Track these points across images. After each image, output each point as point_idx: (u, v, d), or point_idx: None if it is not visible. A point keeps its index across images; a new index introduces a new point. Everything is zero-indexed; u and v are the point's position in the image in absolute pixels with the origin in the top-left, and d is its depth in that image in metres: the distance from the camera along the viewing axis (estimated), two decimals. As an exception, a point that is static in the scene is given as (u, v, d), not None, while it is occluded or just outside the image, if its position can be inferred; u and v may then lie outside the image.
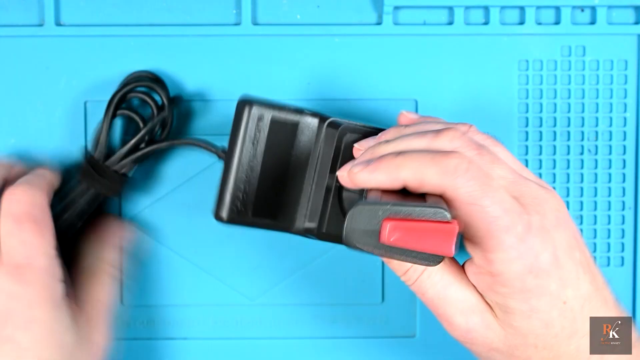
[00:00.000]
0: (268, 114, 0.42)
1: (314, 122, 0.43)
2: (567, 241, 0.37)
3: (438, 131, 0.38)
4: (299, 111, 0.43)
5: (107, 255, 0.46)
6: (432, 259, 0.35)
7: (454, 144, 0.37)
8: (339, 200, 0.43)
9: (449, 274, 0.39)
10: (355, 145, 0.42)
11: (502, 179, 0.37)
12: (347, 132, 0.43)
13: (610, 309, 0.39)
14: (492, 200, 0.36)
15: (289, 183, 0.43)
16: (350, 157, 0.42)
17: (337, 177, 0.40)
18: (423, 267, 0.38)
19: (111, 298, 0.45)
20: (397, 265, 0.40)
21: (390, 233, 0.34)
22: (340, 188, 0.43)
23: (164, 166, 0.48)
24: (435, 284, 0.39)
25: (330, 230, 0.43)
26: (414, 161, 0.37)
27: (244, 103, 0.42)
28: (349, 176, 0.38)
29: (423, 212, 0.34)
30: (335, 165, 0.43)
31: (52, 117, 0.48)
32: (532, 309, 0.37)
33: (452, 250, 0.34)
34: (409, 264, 0.39)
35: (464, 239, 0.38)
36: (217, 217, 0.42)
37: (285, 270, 0.49)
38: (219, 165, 0.48)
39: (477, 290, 0.38)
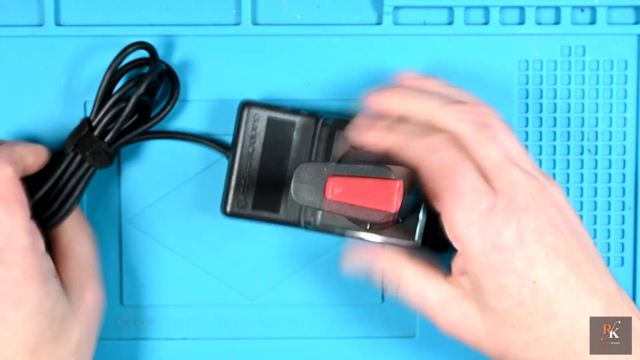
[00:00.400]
0: (265, 115, 0.45)
1: (309, 121, 0.45)
2: (537, 225, 0.38)
3: (455, 100, 0.40)
4: (295, 111, 0.46)
5: (80, 212, 0.45)
6: (375, 216, 0.37)
7: (461, 115, 0.39)
8: None
9: (422, 279, 0.41)
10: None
11: (487, 159, 0.38)
12: (339, 128, 0.44)
13: (596, 293, 0.38)
14: (462, 179, 0.38)
15: (289, 178, 0.45)
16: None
17: None
18: (396, 276, 0.41)
19: (93, 253, 0.45)
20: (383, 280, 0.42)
21: (333, 188, 0.37)
22: None
23: (163, 166, 0.48)
24: (416, 290, 0.41)
25: (325, 222, 0.43)
26: (402, 132, 0.39)
27: (243, 105, 0.45)
28: (350, 128, 0.42)
29: (366, 169, 0.37)
30: (329, 160, 0.44)
31: (52, 117, 0.48)
32: (502, 287, 0.38)
33: (392, 205, 0.37)
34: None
35: (438, 216, 0.39)
36: (222, 211, 0.46)
37: (285, 271, 0.49)
38: (219, 165, 0.48)
39: (453, 285, 0.40)
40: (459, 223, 0.38)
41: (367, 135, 0.41)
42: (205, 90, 0.48)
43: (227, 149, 0.47)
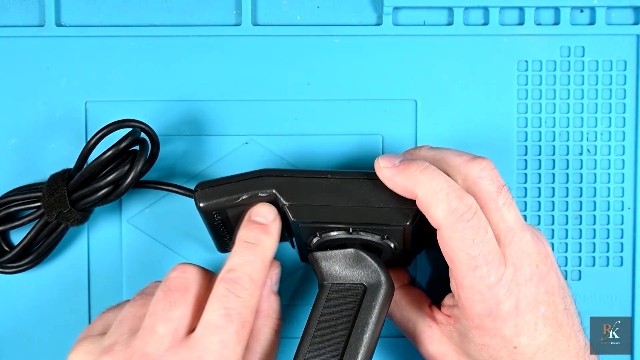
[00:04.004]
0: (218, 205, 0.42)
1: (265, 195, 0.42)
2: (535, 296, 0.40)
3: (474, 157, 0.41)
4: (245, 187, 0.42)
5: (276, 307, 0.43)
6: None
7: (482, 173, 0.40)
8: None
9: (408, 308, 0.45)
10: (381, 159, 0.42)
11: (504, 223, 0.40)
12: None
13: (566, 355, 0.41)
14: (480, 252, 0.39)
15: None
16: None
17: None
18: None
19: (275, 343, 0.42)
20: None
21: None
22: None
23: (163, 167, 0.48)
24: (401, 317, 0.45)
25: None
26: (433, 184, 0.39)
27: (196, 202, 0.42)
28: (375, 165, 0.41)
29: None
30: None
31: (52, 118, 0.48)
32: (484, 344, 0.41)
33: None
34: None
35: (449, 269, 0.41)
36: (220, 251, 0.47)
37: (285, 270, 0.49)
38: (218, 165, 0.48)
39: (435, 322, 0.43)
40: (466, 288, 0.40)
41: (401, 177, 0.40)
42: (205, 91, 0.48)
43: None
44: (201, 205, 0.42)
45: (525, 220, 0.49)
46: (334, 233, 0.42)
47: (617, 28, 0.49)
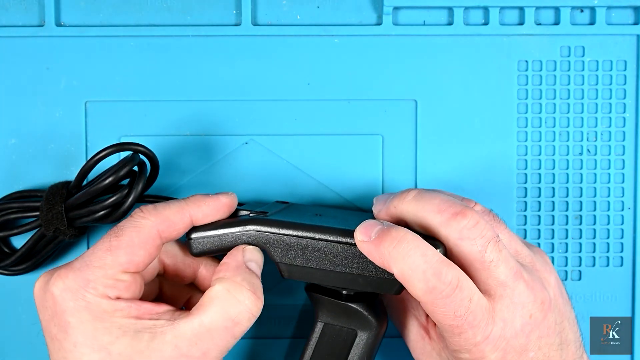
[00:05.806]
0: (210, 252, 0.43)
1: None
2: (524, 345, 0.39)
3: (456, 212, 0.39)
4: (237, 239, 0.42)
5: (226, 262, 0.42)
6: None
7: (464, 233, 0.39)
8: None
9: (405, 316, 0.45)
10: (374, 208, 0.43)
11: (494, 279, 0.39)
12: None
13: None
14: (464, 321, 0.38)
15: None
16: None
17: None
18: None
19: (226, 313, 0.40)
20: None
21: None
22: None
23: (163, 166, 0.48)
24: (398, 321, 0.46)
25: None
26: (407, 262, 0.38)
27: (189, 249, 0.43)
28: (355, 239, 0.40)
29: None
30: None
31: (52, 118, 0.48)
32: None
33: None
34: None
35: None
36: None
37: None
38: (217, 165, 0.48)
39: (422, 338, 0.44)
40: (452, 344, 0.39)
41: (376, 254, 0.39)
42: (205, 91, 0.48)
43: None
44: (194, 252, 0.43)
45: (525, 220, 0.49)
46: None
47: (617, 28, 0.49)
